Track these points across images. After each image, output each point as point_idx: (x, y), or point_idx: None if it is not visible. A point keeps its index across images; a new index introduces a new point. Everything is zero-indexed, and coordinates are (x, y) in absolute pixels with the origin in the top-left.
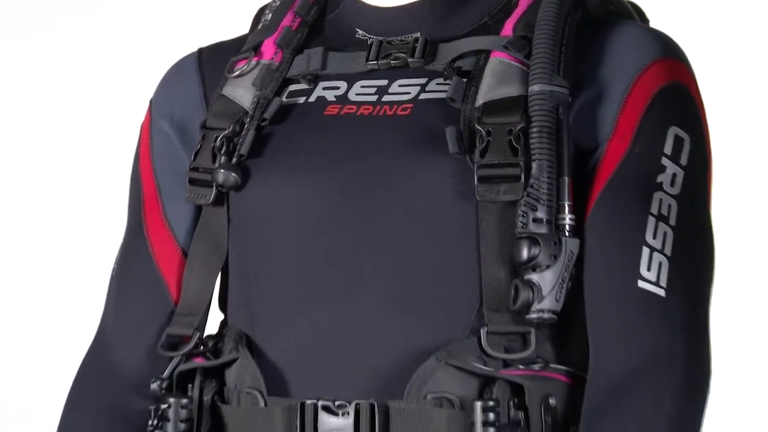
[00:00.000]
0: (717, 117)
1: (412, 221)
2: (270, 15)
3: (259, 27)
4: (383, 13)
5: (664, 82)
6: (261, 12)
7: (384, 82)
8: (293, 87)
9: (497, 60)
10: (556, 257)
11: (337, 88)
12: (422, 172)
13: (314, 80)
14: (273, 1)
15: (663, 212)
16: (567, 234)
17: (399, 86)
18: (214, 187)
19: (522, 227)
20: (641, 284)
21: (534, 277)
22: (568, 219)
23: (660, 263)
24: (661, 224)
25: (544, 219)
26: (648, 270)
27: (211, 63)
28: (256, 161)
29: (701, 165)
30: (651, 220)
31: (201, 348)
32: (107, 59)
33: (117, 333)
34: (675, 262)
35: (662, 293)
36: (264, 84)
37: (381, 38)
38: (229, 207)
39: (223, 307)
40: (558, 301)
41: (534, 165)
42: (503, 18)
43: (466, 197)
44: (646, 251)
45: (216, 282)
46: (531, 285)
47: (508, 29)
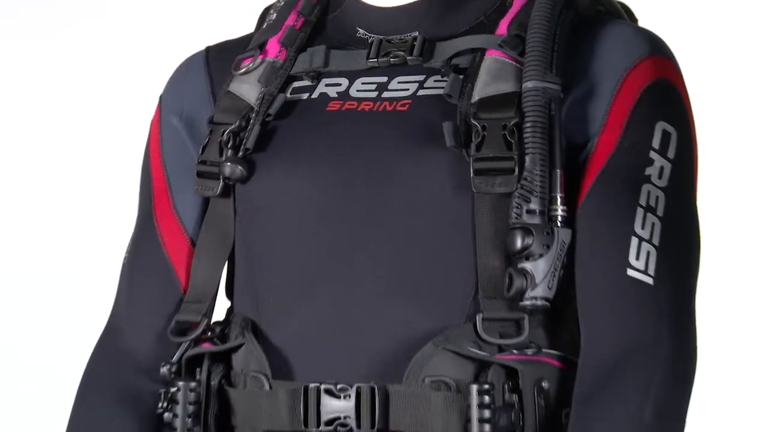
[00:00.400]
0: (703, 113)
1: (411, 212)
2: (274, 15)
3: (264, 26)
4: (383, 13)
5: (652, 79)
6: (266, 12)
7: (384, 79)
8: (297, 84)
9: (492, 58)
10: (549, 247)
11: (339, 85)
12: (421, 166)
13: (317, 77)
14: (277, 1)
15: (651, 204)
16: (559, 224)
17: (398, 83)
18: (221, 180)
19: (516, 218)
20: (630, 273)
21: (527, 266)
22: (560, 210)
23: (648, 252)
24: (650, 215)
25: (537, 210)
26: (637, 259)
27: (218, 61)
28: (261, 155)
29: (688, 158)
30: (639, 211)
31: (208, 334)
32: (118, 58)
33: (128, 319)
34: (663, 252)
35: (650, 281)
36: (269, 81)
37: (381, 37)
38: (236, 199)
39: (230, 295)
40: (550, 289)
41: (527, 158)
42: (498, 18)
43: (463, 189)
44: (635, 241)
45: (223, 270)
46: (524, 273)
47: (503, 28)
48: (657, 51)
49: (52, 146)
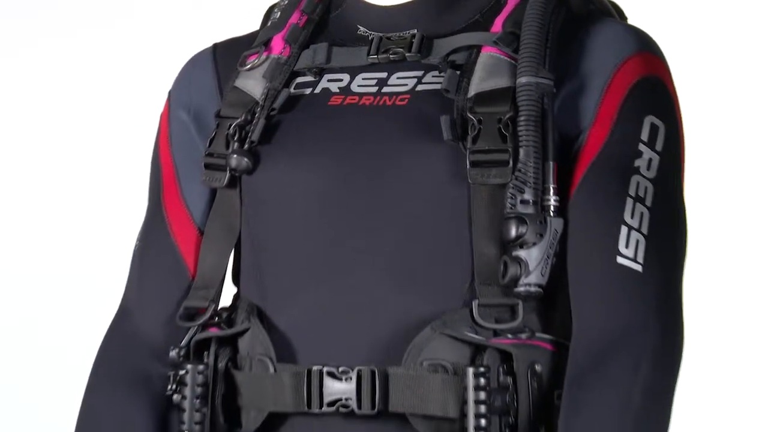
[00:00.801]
0: (691, 108)
1: (410, 202)
2: (279, 13)
3: (269, 24)
4: (383, 12)
5: (641, 75)
6: (270, 10)
7: (384, 75)
8: (300, 79)
9: (488, 54)
10: (542, 235)
11: (341, 80)
12: (419, 158)
13: (319, 73)
14: (281, 0)
15: (640, 194)
16: (552, 214)
17: (397, 78)
18: (228, 171)
19: (510, 208)
20: (620, 260)
21: (521, 254)
22: (553, 200)
23: (637, 241)
24: (638, 205)
25: (531, 200)
26: (626, 247)
27: (225, 57)
28: (266, 147)
29: (675, 151)
30: (629, 201)
31: (216, 319)
32: (129, 57)
33: (139, 304)
34: (651, 240)
35: (639, 269)
36: (273, 76)
37: (381, 34)
38: (242, 189)
39: (236, 281)
40: (543, 276)
41: (521, 151)
42: (493, 16)
43: (459, 180)
44: (625, 230)
45: (230, 258)
46: (519, 261)
47: (498, 26)
48: (646, 48)
49: (65, 143)
